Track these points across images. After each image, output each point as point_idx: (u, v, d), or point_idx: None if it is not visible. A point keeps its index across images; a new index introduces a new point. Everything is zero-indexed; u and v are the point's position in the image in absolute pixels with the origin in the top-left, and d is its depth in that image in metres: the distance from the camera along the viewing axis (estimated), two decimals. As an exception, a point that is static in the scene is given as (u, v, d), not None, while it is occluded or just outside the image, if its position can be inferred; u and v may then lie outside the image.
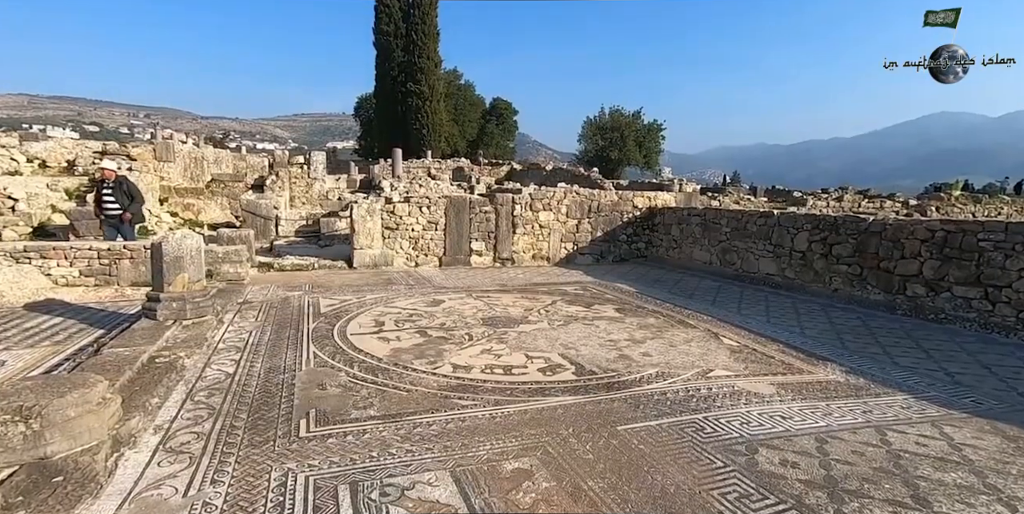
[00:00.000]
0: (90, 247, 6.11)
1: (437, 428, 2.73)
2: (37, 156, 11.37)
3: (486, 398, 3.13)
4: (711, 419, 2.84)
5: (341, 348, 4.10)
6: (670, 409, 2.98)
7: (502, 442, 2.58)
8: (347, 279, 7.29)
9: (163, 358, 3.65)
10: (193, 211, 11.88)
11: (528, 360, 3.85)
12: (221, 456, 2.41)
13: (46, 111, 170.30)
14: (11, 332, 4.41)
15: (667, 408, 2.99)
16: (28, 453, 2.17)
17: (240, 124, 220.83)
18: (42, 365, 3.64)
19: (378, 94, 34.35)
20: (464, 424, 2.78)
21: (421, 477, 2.25)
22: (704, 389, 3.29)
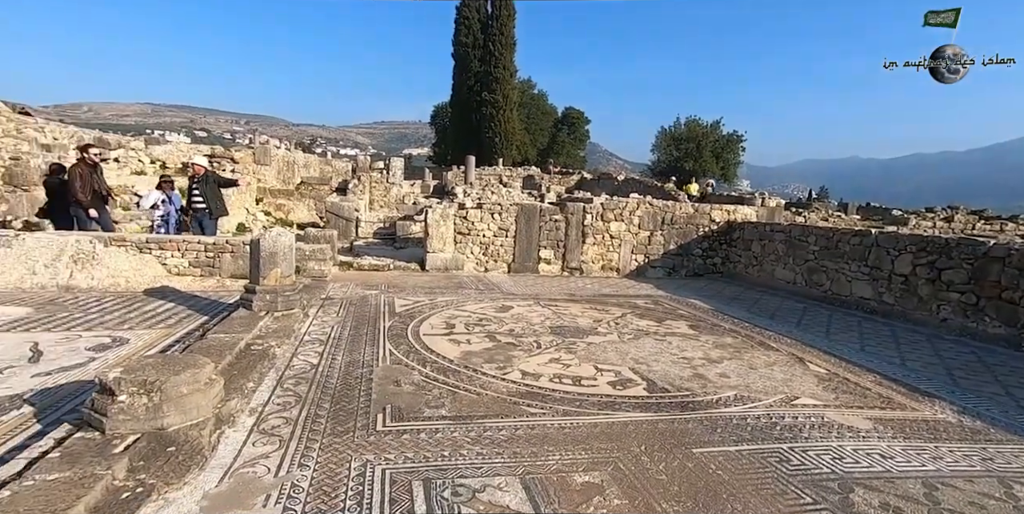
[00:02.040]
0: (198, 241, 6.76)
1: (507, 433, 2.75)
2: (159, 158, 12.79)
3: (555, 407, 3.11)
4: (797, 450, 2.65)
5: (414, 347, 4.25)
6: (751, 435, 2.81)
7: (572, 454, 2.55)
8: (419, 281, 7.55)
9: (257, 346, 3.96)
10: (284, 211, 12.82)
11: (598, 372, 3.79)
12: (307, 442, 2.57)
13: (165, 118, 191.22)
14: (133, 314, 4.96)
15: (747, 434, 2.83)
16: (149, 423, 2.43)
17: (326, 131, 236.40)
18: (158, 345, 4.06)
19: (454, 103, 35.54)
20: (533, 432, 2.78)
21: (491, 481, 2.28)
22: (789, 417, 3.08)
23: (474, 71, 33.05)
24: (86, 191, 7.11)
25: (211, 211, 8.09)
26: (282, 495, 2.11)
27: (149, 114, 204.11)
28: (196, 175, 8.03)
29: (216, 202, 8.19)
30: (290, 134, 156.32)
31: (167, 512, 1.97)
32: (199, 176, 8.01)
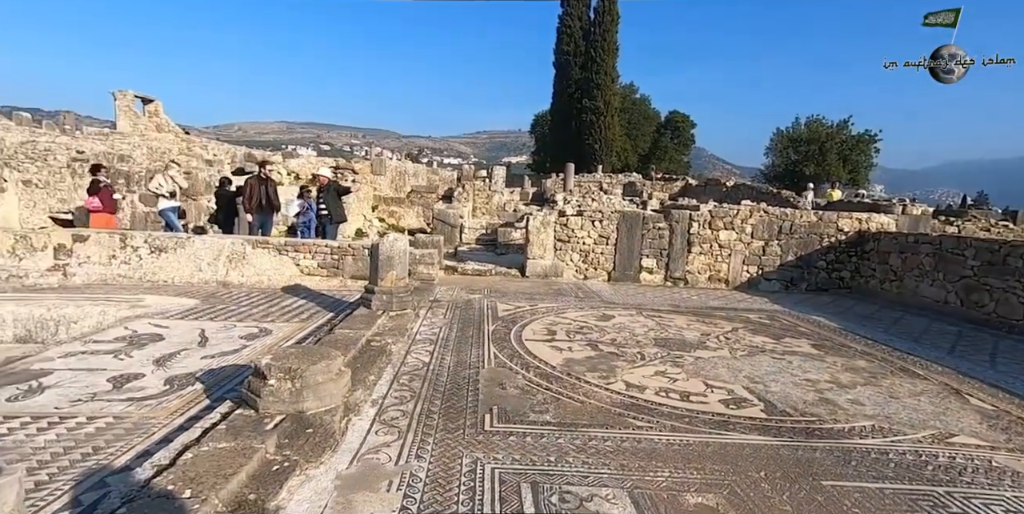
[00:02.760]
0: (325, 245, 7.51)
1: (612, 444, 2.71)
2: (293, 170, 14.43)
3: (662, 422, 3.01)
4: (957, 496, 2.31)
5: (517, 352, 4.34)
6: (895, 473, 2.50)
7: (682, 472, 2.45)
8: (520, 286, 7.71)
9: (376, 342, 4.30)
10: (395, 217, 13.79)
11: (707, 389, 3.60)
12: (422, 435, 2.74)
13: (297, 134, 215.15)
14: (274, 309, 5.64)
15: (890, 471, 2.52)
16: (292, 406, 2.75)
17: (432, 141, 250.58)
18: (295, 337, 4.58)
19: (554, 111, 35.85)
20: (640, 445, 2.72)
21: (599, 491, 2.26)
22: (944, 457, 2.69)
23: (575, 78, 33.13)
24: (253, 202, 8.26)
25: (332, 217, 8.94)
26: (402, 483, 2.27)
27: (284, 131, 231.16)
28: (321, 185, 8.93)
29: (337, 209, 9.03)
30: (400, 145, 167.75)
31: (309, 486, 2.22)
32: (323, 186, 8.91)
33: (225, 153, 19.17)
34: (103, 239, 6.82)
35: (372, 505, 2.10)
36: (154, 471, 2.19)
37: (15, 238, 6.55)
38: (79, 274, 6.63)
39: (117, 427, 2.71)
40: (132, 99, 19.92)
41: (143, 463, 2.28)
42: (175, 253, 6.96)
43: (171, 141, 17.64)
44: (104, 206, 8.46)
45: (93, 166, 8.83)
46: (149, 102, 20.39)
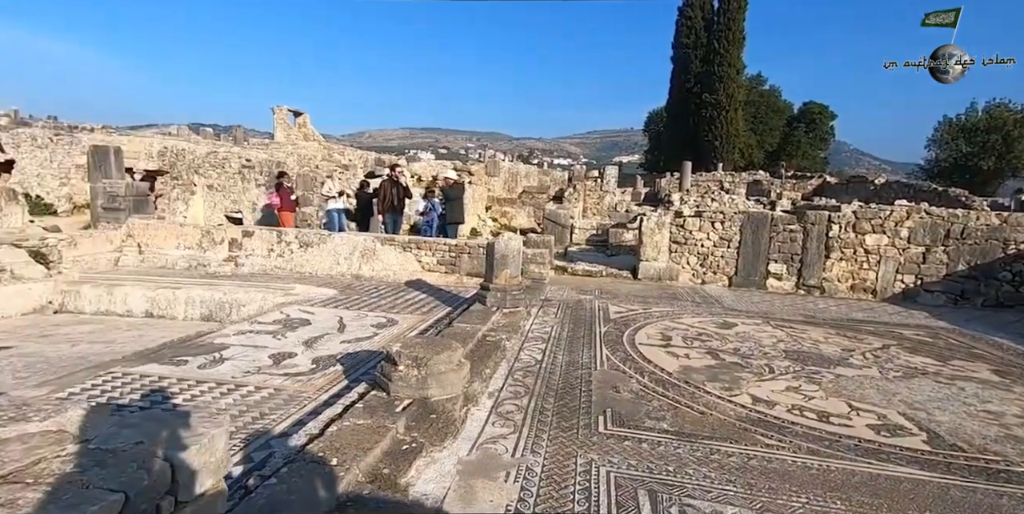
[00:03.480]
0: (444, 243, 7.97)
1: (737, 461, 2.53)
2: (416, 173, 15.51)
3: (796, 443, 2.74)
4: None
5: (630, 356, 4.23)
6: (1114, 536, 2.02)
7: (822, 501, 2.21)
8: (632, 289, 7.50)
9: (491, 337, 4.47)
10: (507, 217, 14.18)
11: (851, 411, 3.20)
12: (536, 430, 2.79)
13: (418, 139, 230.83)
14: (399, 301, 6.11)
15: (1106, 532, 2.04)
16: (418, 392, 2.96)
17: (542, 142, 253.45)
18: (418, 328, 4.92)
19: (670, 107, 34.29)
20: (770, 465, 2.50)
21: (723, 509, 2.13)
22: None
23: (694, 72, 31.37)
24: (384, 203, 9.11)
25: (451, 217, 9.44)
26: (519, 475, 2.33)
27: (407, 136, 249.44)
28: (443, 186, 9.48)
29: (455, 210, 9.51)
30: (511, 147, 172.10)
31: (433, 468, 2.37)
32: (445, 187, 9.44)
33: (358, 158, 21.20)
34: (264, 235, 7.91)
35: (491, 493, 2.19)
36: (307, 439, 2.49)
37: (202, 233, 7.86)
38: (246, 264, 7.77)
39: (277, 397, 3.13)
40: (286, 113, 22.83)
41: (298, 431, 2.61)
42: (318, 248, 7.85)
43: (315, 149, 19.91)
44: (284, 205, 9.96)
45: (279, 172, 10.40)
46: (299, 115, 23.22)
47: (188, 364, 3.62)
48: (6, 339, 4.85)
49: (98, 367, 3.51)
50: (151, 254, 7.82)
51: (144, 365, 3.54)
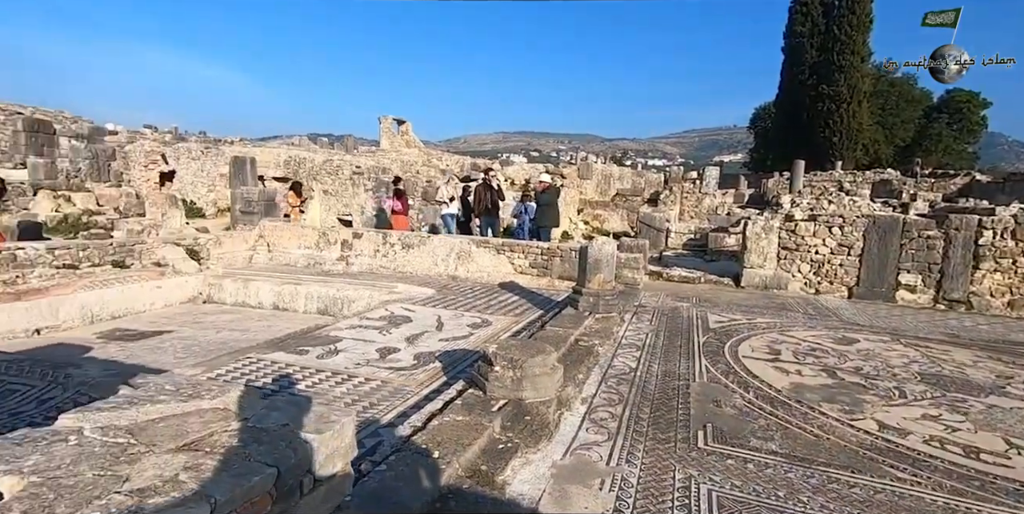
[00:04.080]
0: (536, 246, 8.06)
1: (862, 493, 2.29)
2: (509, 177, 15.87)
3: (937, 479, 2.42)
4: None
5: (733, 368, 3.99)
6: None
7: (968, 549, 1.93)
8: (734, 297, 7.05)
9: (584, 342, 4.45)
10: (600, 221, 14.00)
11: (1011, 449, 2.76)
12: (632, 440, 2.74)
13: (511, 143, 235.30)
14: (493, 303, 6.29)
15: None
16: (513, 393, 3.04)
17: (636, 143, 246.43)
18: (511, 330, 5.03)
19: (780, 102, 31.72)
20: (902, 502, 2.23)
21: (843, 544, 1.94)
22: None
23: (809, 63, 28.71)
24: (479, 206, 9.47)
25: (544, 221, 9.52)
26: (614, 484, 2.31)
27: (501, 141, 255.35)
28: (537, 190, 9.59)
29: (548, 213, 9.58)
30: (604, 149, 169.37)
31: (528, 469, 2.42)
32: (538, 191, 9.54)
33: (455, 163, 22.12)
34: (371, 236, 8.54)
35: (586, 500, 2.19)
36: (411, 430, 2.66)
37: (319, 235, 8.67)
38: (355, 264, 8.44)
39: (384, 389, 3.37)
40: (391, 122, 24.44)
41: (403, 422, 2.79)
42: (418, 250, 8.32)
43: (416, 154, 21.10)
44: (400, 209, 10.80)
45: (395, 178, 11.28)
46: (402, 123, 24.75)
47: (308, 354, 4.01)
48: (168, 324, 5.72)
49: (238, 352, 4.02)
50: (277, 253, 8.77)
51: (274, 353, 3.99)
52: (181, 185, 15.15)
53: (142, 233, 9.41)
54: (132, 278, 6.32)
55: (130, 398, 1.27)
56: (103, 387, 3.10)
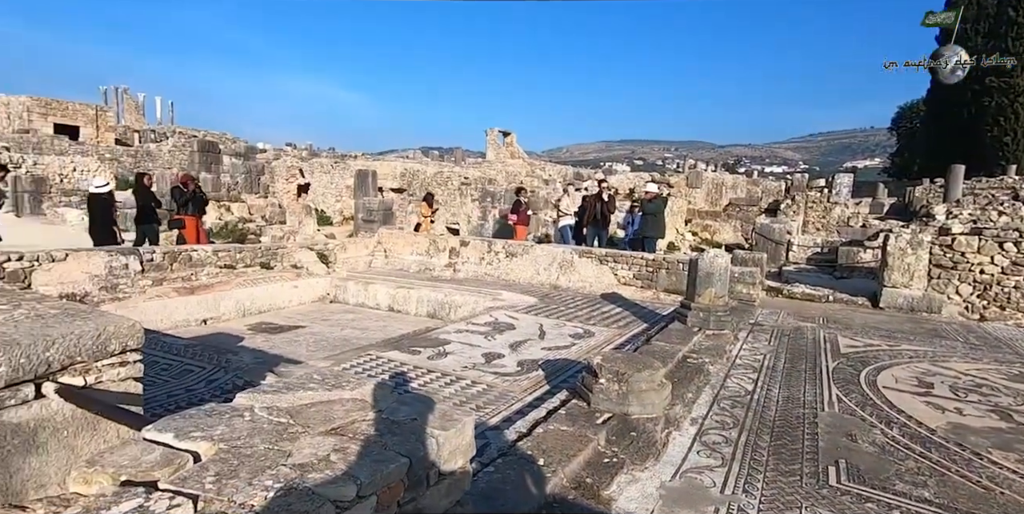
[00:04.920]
0: (641, 257, 7.83)
1: (1047, 564, 1.90)
2: (613, 186, 15.62)
3: None
4: None
5: (871, 399, 3.54)
6: None
7: None
8: (871, 320, 6.25)
9: (692, 360, 4.22)
10: (709, 231, 13.23)
11: None
12: (749, 469, 2.54)
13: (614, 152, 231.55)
14: (595, 314, 6.21)
15: None
16: (618, 406, 2.97)
17: (751, 149, 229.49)
18: (614, 342, 4.94)
19: (931, 99, 27.74)
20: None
21: None
22: None
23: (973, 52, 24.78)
24: (588, 217, 9.48)
25: (649, 231, 9.22)
26: None
27: (603, 150, 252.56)
28: (643, 199, 9.33)
29: (652, 224, 9.26)
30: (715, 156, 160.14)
31: (635, 487, 2.35)
32: (643, 200, 9.28)
33: (557, 173, 22.30)
34: (477, 245, 8.89)
35: (698, 526, 2.07)
36: (516, 436, 2.71)
37: (429, 242, 9.22)
38: (462, 271, 8.83)
39: (489, 393, 3.48)
40: (496, 134, 25.34)
41: (508, 427, 2.86)
42: (522, 258, 8.48)
43: (520, 165, 21.62)
44: (520, 220, 11.16)
45: (517, 188, 11.74)
46: (507, 135, 25.55)
47: (420, 354, 4.27)
48: (302, 320, 6.42)
49: (360, 349, 4.40)
50: (393, 258, 9.47)
51: (390, 351, 4.31)
52: (314, 196, 17.00)
53: (283, 239, 10.70)
54: (274, 278, 7.21)
55: (287, 384, 1.47)
56: (254, 372, 3.57)
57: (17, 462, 1.52)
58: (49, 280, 5.03)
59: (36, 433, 1.57)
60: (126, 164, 19.46)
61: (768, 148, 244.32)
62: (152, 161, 19.99)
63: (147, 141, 25.92)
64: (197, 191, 9.02)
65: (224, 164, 17.03)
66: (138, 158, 20.30)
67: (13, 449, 1.51)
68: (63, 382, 1.65)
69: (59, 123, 23.70)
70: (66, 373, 1.71)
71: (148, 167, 18.21)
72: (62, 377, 1.69)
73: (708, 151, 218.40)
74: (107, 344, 1.81)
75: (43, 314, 1.93)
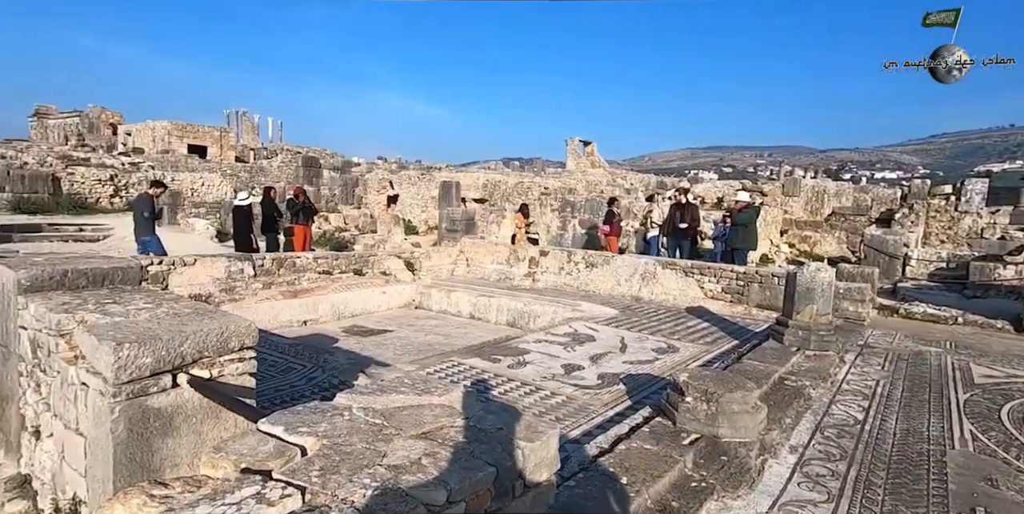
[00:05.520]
0: (731, 269, 7.38)
1: None
2: (699, 195, 14.95)
3: None
4: None
5: (1017, 439, 3.05)
6: None
7: None
8: (1014, 346, 5.41)
9: (790, 382, 3.89)
10: (809, 243, 12.21)
11: None
12: (862, 508, 2.28)
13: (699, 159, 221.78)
14: (680, 328, 5.94)
15: None
16: (707, 428, 2.81)
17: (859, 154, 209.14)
18: (701, 358, 4.69)
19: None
20: None
21: None
22: None
23: None
24: (668, 227, 9.17)
25: (741, 242, 8.68)
26: (838, 557, 1.95)
27: (688, 157, 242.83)
28: (733, 208, 8.84)
29: (744, 234, 8.71)
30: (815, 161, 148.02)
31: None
32: (734, 209, 8.78)
33: (639, 182, 21.75)
34: (557, 254, 8.88)
35: (800, 567, 1.89)
36: (597, 451, 2.65)
37: (509, 251, 9.36)
38: (541, 280, 8.86)
39: (569, 405, 3.44)
40: (577, 143, 25.28)
41: (589, 442, 2.80)
42: (602, 269, 8.34)
43: (601, 174, 21.36)
44: (613, 231, 11.00)
45: (610, 199, 11.66)
46: (587, 144, 25.39)
47: (500, 363, 4.32)
48: (389, 324, 6.77)
49: (443, 355, 4.54)
50: (474, 267, 9.71)
51: (471, 359, 4.40)
52: (402, 206, 17.94)
53: (374, 247, 11.37)
54: (365, 284, 7.67)
55: (381, 386, 1.55)
56: (347, 372, 3.81)
57: (157, 442, 1.74)
58: (181, 282, 5.73)
59: (172, 418, 1.79)
60: (243, 179, 21.76)
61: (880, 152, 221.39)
62: (264, 175, 22.19)
63: (260, 158, 28.90)
64: (307, 202, 9.95)
65: (324, 177, 18.52)
66: (252, 173, 22.64)
67: (155, 431, 1.73)
68: (193, 374, 1.87)
69: (191, 144, 27.13)
70: (195, 366, 1.93)
71: (261, 181, 20.23)
72: (192, 369, 1.91)
73: (806, 156, 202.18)
74: (228, 341, 2.02)
75: (179, 312, 2.20)
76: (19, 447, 2.49)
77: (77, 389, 1.90)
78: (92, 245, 11.06)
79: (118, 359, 1.70)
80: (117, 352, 1.70)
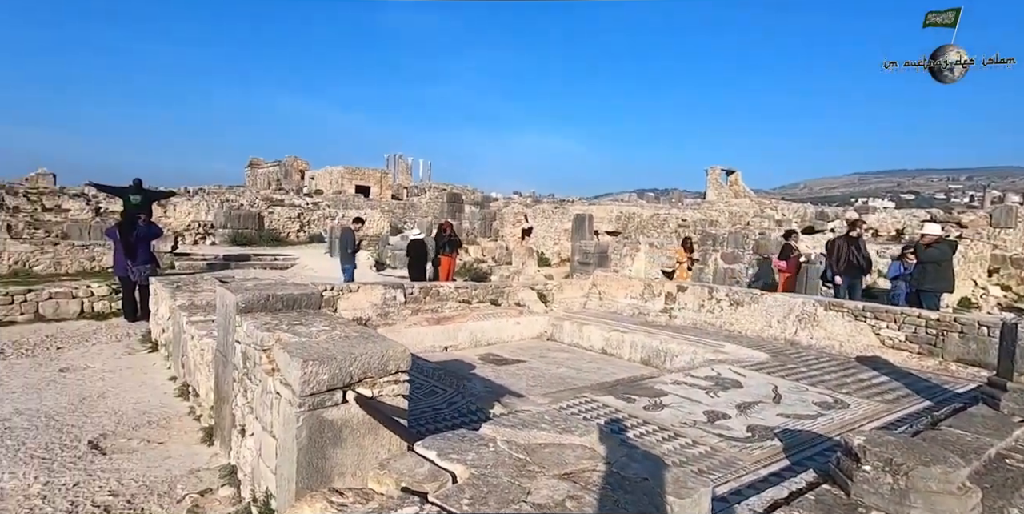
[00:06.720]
0: (918, 315, 6.21)
1: None
2: (871, 226, 13.00)
3: None
4: None
5: None
6: None
7: None
8: None
9: (1014, 462, 3.10)
10: (1030, 284, 9.80)
11: None
12: None
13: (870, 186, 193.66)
14: (848, 379, 5.13)
15: None
16: (892, 506, 2.34)
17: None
18: (879, 418, 3.97)
19: None
20: None
21: None
22: None
23: None
24: (839, 262, 8.06)
25: (929, 283, 7.28)
26: None
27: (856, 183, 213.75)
28: (920, 243, 7.50)
29: (936, 274, 7.29)
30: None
31: None
32: (920, 244, 7.44)
33: (793, 212, 19.67)
34: (696, 291, 8.34)
35: None
36: None
37: (644, 285, 9.04)
38: (678, 317, 8.36)
39: (713, 458, 3.14)
40: (719, 173, 23.88)
41: (739, 501, 2.52)
42: (749, 308, 7.61)
43: (747, 205, 19.79)
44: (790, 267, 9.96)
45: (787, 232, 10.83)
46: (731, 173, 23.84)
47: (635, 403, 4.13)
48: (522, 355, 6.91)
49: (575, 390, 4.49)
50: (607, 300, 9.55)
51: (604, 396, 4.28)
52: (535, 239, 18.48)
53: (509, 278, 11.83)
54: (501, 314, 7.97)
55: (522, 420, 1.59)
56: (484, 399, 3.96)
57: (329, 451, 1.98)
58: (347, 306, 6.54)
59: (341, 430, 2.03)
60: (397, 214, 24.45)
61: None
62: (414, 211, 24.68)
63: (411, 195, 32.28)
64: (452, 235, 10.82)
65: (465, 212, 19.98)
66: (405, 209, 25.32)
67: (328, 440, 1.98)
68: (359, 392, 2.11)
69: (358, 185, 31.42)
70: (360, 385, 2.17)
71: (411, 216, 22.50)
72: (358, 388, 2.15)
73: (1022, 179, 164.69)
74: (387, 364, 2.25)
75: (349, 336, 2.52)
76: (230, 441, 3.01)
77: (272, 397, 2.27)
78: (282, 272, 13.21)
79: (304, 374, 1.99)
80: (304, 367, 1.99)
